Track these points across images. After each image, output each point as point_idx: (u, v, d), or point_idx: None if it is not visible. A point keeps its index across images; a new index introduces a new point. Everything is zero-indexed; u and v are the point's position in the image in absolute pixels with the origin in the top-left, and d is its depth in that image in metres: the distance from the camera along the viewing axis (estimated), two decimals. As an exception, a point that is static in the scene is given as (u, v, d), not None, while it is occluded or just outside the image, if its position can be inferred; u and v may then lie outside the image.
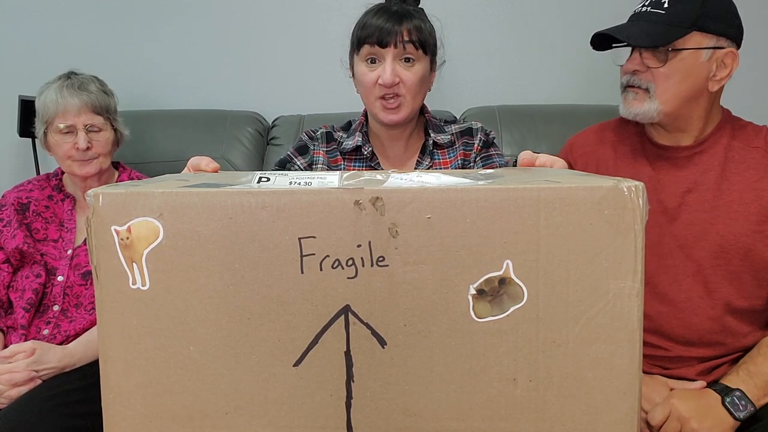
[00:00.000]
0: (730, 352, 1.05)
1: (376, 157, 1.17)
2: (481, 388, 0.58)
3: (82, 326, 1.26)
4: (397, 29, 1.05)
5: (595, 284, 0.57)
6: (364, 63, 1.09)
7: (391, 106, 1.08)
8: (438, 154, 1.17)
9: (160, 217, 0.57)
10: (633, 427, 0.59)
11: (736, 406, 0.95)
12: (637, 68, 1.03)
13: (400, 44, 1.05)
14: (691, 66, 1.00)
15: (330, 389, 0.59)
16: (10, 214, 1.32)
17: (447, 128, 1.20)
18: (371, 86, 1.08)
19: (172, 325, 0.58)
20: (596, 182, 0.57)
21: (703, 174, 1.05)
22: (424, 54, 1.08)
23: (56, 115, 1.30)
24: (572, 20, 1.76)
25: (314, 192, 0.57)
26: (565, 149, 1.24)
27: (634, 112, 1.04)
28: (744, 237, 1.01)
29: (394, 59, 1.06)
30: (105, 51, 1.79)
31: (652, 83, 1.01)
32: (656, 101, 1.01)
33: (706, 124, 1.06)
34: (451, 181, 0.61)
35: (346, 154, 1.17)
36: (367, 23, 1.07)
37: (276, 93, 1.80)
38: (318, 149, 1.18)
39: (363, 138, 1.17)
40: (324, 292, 0.58)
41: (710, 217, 1.03)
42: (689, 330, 1.04)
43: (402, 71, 1.07)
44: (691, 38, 0.99)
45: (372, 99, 1.09)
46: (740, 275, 1.02)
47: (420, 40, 1.06)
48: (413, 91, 1.08)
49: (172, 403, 0.59)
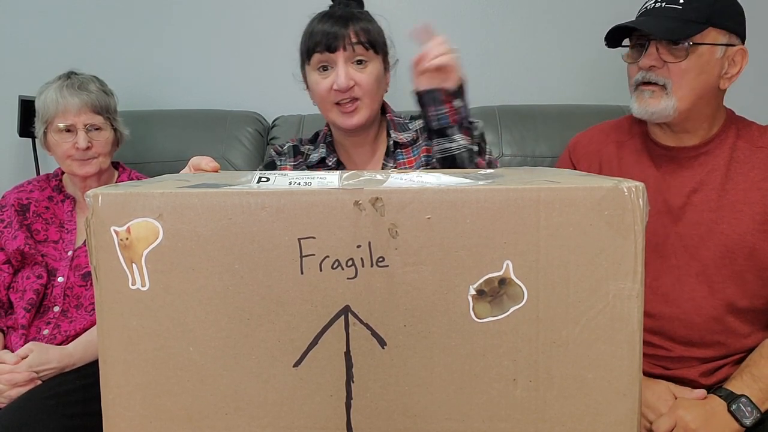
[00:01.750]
0: (731, 352, 1.04)
1: (342, 166, 1.16)
2: (481, 389, 0.58)
3: (82, 327, 1.26)
4: (344, 32, 1.04)
5: (595, 285, 0.57)
6: (316, 72, 1.07)
7: (348, 110, 1.06)
8: (402, 153, 1.15)
9: (160, 217, 0.57)
10: (633, 428, 0.58)
11: (742, 412, 0.94)
12: (654, 64, 1.01)
13: (349, 47, 1.04)
14: (707, 62, 0.99)
15: (330, 390, 0.59)
16: (10, 215, 1.32)
17: (411, 125, 1.18)
18: (326, 94, 1.07)
19: (172, 325, 0.58)
20: (596, 182, 0.57)
21: (709, 174, 1.04)
22: (376, 54, 1.08)
23: (56, 115, 1.30)
24: (573, 20, 1.76)
25: (314, 192, 0.57)
26: (569, 148, 1.23)
27: (651, 111, 1.02)
28: (749, 236, 1.00)
29: (346, 63, 1.05)
30: (105, 51, 1.79)
31: (669, 79, 1.00)
32: (673, 98, 1.00)
33: (712, 124, 1.06)
34: (451, 182, 0.61)
35: (312, 167, 1.16)
36: (313, 31, 1.06)
37: (276, 93, 1.80)
38: (285, 164, 1.17)
39: (327, 149, 1.16)
40: (324, 293, 0.58)
41: (715, 217, 1.03)
42: (691, 330, 1.04)
43: (355, 74, 1.05)
44: (708, 34, 0.98)
45: (328, 106, 1.08)
46: (744, 275, 1.02)
47: (369, 41, 1.06)
48: (370, 93, 1.07)
49: (171, 403, 0.59)
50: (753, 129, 1.07)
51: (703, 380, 1.04)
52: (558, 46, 1.78)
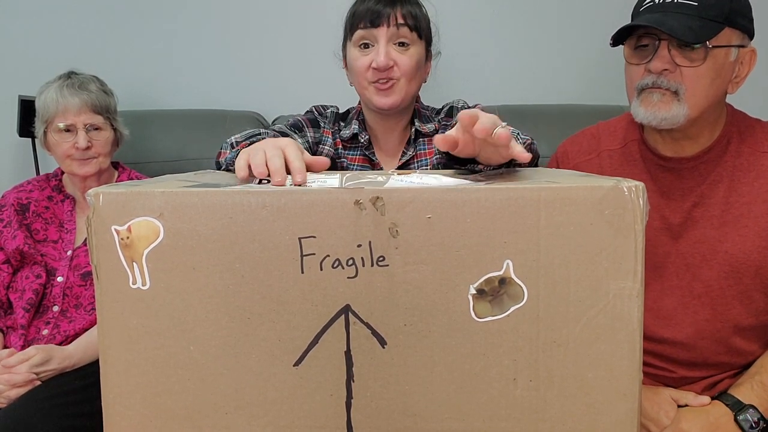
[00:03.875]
0: (735, 369, 1.00)
1: (372, 146, 1.15)
2: (481, 388, 0.58)
3: (81, 326, 1.26)
4: (389, 11, 1.02)
5: (595, 284, 0.57)
6: (357, 48, 1.06)
7: (383, 87, 1.04)
8: (424, 143, 1.14)
9: (161, 216, 0.57)
10: (633, 428, 0.59)
11: (749, 423, 0.90)
12: (667, 67, 0.90)
13: (393, 25, 1.02)
14: (721, 66, 0.90)
15: (330, 389, 0.59)
16: (10, 215, 1.32)
17: (436, 117, 1.17)
18: (364, 71, 1.05)
19: (172, 324, 0.58)
20: (596, 182, 0.57)
21: (711, 186, 0.96)
22: (419, 38, 1.06)
23: (56, 115, 1.30)
24: (573, 20, 1.76)
25: (314, 192, 0.57)
26: (557, 157, 1.15)
27: (661, 117, 0.91)
28: (755, 254, 0.93)
29: (388, 42, 1.03)
30: (105, 51, 1.79)
31: (682, 85, 0.89)
32: (685, 105, 0.90)
33: (714, 128, 0.97)
34: (451, 182, 0.61)
35: (345, 141, 1.15)
36: (358, 8, 1.05)
37: (276, 93, 1.80)
38: (326, 127, 1.15)
39: (360, 126, 1.14)
40: (324, 292, 0.58)
41: (719, 235, 0.95)
42: (694, 353, 0.98)
43: (396, 55, 1.04)
44: (723, 35, 0.89)
45: (365, 83, 1.06)
46: (751, 294, 0.95)
47: (415, 24, 1.04)
48: (408, 75, 1.05)
49: (172, 403, 0.59)
50: (756, 130, 0.98)
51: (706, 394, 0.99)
52: (558, 46, 1.78)
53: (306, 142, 1.11)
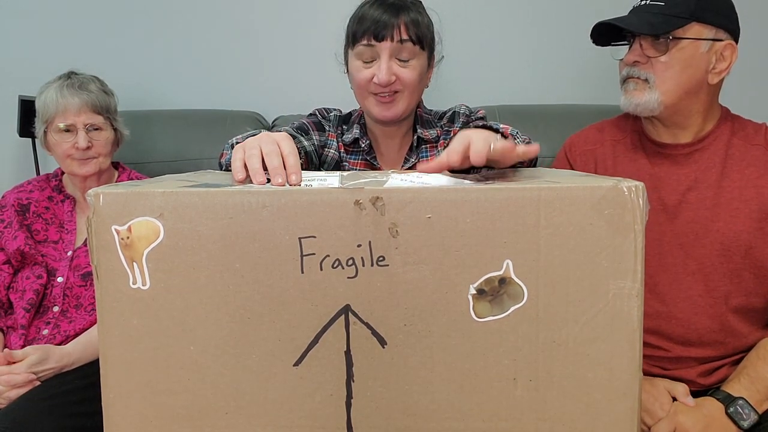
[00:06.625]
0: (730, 353, 1.05)
1: (373, 150, 1.15)
2: (481, 388, 0.58)
3: (81, 326, 1.26)
4: (393, 21, 1.01)
5: (595, 284, 0.57)
6: (359, 60, 1.05)
7: (385, 100, 1.05)
8: (426, 150, 1.14)
9: (161, 216, 0.57)
10: (633, 427, 0.59)
11: (740, 415, 0.95)
12: (638, 59, 1.03)
13: (396, 39, 1.02)
14: (691, 57, 1.00)
15: (330, 389, 0.59)
16: (10, 216, 1.32)
17: (438, 123, 1.17)
18: (366, 83, 1.05)
19: (173, 324, 0.58)
20: (596, 182, 0.57)
21: (704, 171, 1.05)
22: (422, 50, 1.05)
23: (56, 115, 1.30)
24: (573, 20, 1.76)
25: (314, 192, 0.57)
26: (564, 148, 1.23)
27: (636, 102, 1.04)
28: (745, 234, 1.01)
29: (390, 57, 1.03)
30: (105, 51, 1.79)
31: (652, 74, 1.02)
32: (656, 91, 1.02)
33: (705, 120, 1.06)
34: (451, 182, 0.61)
35: (347, 146, 1.15)
36: (363, 15, 1.04)
37: (276, 93, 1.80)
38: (330, 131, 1.15)
39: (361, 130, 1.14)
40: (324, 292, 0.58)
41: (711, 215, 1.03)
42: (688, 329, 1.04)
43: (399, 69, 1.04)
44: (690, 28, 1.00)
45: (365, 94, 1.07)
46: (741, 273, 1.02)
47: (417, 35, 1.03)
48: (410, 88, 1.05)
49: (172, 402, 0.59)
50: (748, 127, 1.08)
51: (702, 380, 1.04)
52: (557, 46, 1.78)
53: (312, 145, 1.11)
